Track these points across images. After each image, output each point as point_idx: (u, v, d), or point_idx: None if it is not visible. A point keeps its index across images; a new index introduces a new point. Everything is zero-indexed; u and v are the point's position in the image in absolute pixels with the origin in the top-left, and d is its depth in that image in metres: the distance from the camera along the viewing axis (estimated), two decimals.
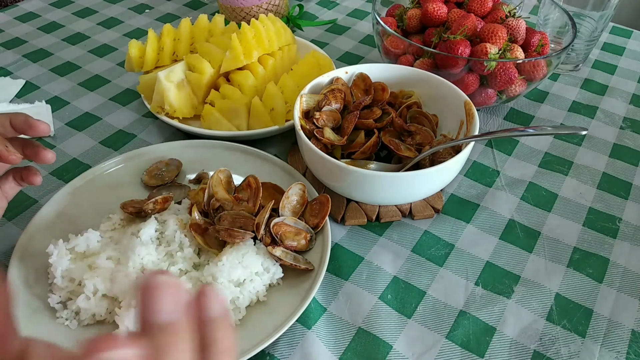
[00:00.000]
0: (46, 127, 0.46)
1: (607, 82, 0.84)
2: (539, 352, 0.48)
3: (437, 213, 0.61)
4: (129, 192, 0.60)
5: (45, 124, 0.46)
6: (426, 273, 0.55)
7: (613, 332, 0.50)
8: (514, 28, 0.69)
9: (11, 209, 0.60)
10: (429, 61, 0.69)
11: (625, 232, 0.60)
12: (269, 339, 0.45)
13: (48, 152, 0.47)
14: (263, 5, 0.90)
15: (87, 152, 0.69)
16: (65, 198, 0.58)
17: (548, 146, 0.71)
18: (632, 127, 0.75)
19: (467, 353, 0.48)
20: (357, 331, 0.50)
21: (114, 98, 0.78)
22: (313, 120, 0.59)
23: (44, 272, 0.51)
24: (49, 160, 0.47)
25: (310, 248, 0.54)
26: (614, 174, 0.67)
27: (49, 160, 0.47)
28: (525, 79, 0.69)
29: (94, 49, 0.90)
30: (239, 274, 0.48)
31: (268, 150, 0.67)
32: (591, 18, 0.79)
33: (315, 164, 0.57)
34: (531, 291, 0.53)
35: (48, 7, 1.02)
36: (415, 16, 0.74)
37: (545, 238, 0.59)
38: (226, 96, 0.68)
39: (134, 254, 0.49)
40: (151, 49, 0.73)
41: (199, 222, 0.53)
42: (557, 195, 0.64)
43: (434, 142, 0.60)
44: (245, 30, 0.70)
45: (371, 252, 0.57)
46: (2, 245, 0.56)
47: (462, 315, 0.51)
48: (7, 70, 0.84)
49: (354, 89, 0.65)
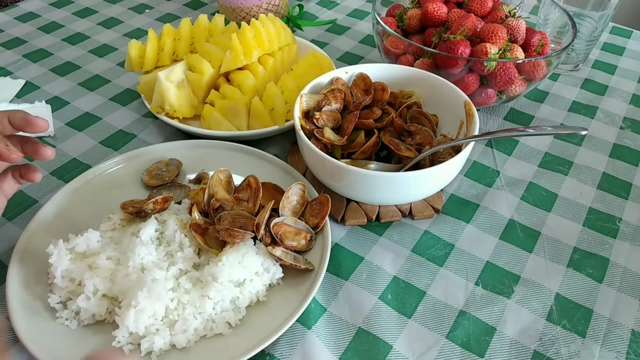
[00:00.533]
0: (45, 124, 0.46)
1: (607, 82, 0.84)
2: (539, 352, 0.48)
3: (437, 213, 0.61)
4: (129, 192, 0.60)
5: (44, 120, 0.46)
6: (426, 273, 0.55)
7: (613, 332, 0.50)
8: (514, 28, 0.69)
9: (11, 209, 0.60)
10: (429, 61, 0.69)
11: (625, 232, 0.60)
12: (269, 339, 0.45)
13: (48, 149, 0.47)
14: (263, 5, 0.90)
15: (87, 152, 0.69)
16: (65, 198, 0.58)
17: (548, 146, 0.71)
18: (632, 127, 0.75)
19: (467, 353, 0.48)
20: (357, 331, 0.50)
21: (114, 98, 0.78)
22: (313, 120, 0.59)
23: (44, 272, 0.51)
24: (49, 157, 0.47)
25: (310, 248, 0.54)
26: (614, 174, 0.67)
27: (49, 156, 0.47)
28: (525, 79, 0.69)
29: (94, 49, 0.90)
30: (239, 274, 0.49)
31: (268, 150, 0.67)
32: (591, 18, 0.79)
33: (315, 164, 0.57)
34: (531, 291, 0.53)
35: (48, 7, 1.02)
36: (415, 16, 0.74)
37: (545, 238, 0.59)
38: (226, 96, 0.68)
39: (134, 254, 0.49)
40: (151, 49, 0.73)
41: (199, 222, 0.53)
42: (557, 195, 0.64)
43: (434, 142, 0.60)
44: (245, 30, 0.70)
45: (371, 252, 0.57)
46: (2, 245, 0.56)
47: (462, 315, 0.51)
48: (7, 70, 0.84)
49: (354, 89, 0.65)
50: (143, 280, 0.46)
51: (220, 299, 0.48)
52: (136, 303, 0.45)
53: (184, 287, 0.48)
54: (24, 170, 0.49)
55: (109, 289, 0.48)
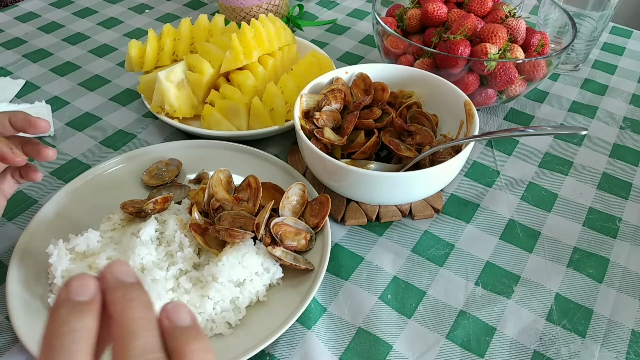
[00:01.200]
0: (46, 125, 0.46)
1: (607, 82, 0.84)
2: (539, 352, 0.48)
3: (437, 213, 0.61)
4: (129, 192, 0.60)
5: (45, 121, 0.46)
6: (426, 273, 0.55)
7: (613, 332, 0.50)
8: (514, 28, 0.69)
9: (11, 209, 0.60)
10: (429, 61, 0.69)
11: (625, 232, 0.60)
12: (269, 339, 0.45)
13: (49, 149, 0.47)
14: (263, 5, 0.90)
15: (87, 152, 0.69)
16: (65, 198, 0.58)
17: (548, 146, 0.71)
18: (632, 127, 0.75)
19: (467, 353, 0.48)
20: (357, 331, 0.50)
21: (114, 98, 0.78)
22: (313, 120, 0.59)
23: (44, 272, 0.51)
24: (50, 157, 0.47)
25: (310, 248, 0.54)
26: (614, 174, 0.67)
27: (51, 157, 0.47)
28: (525, 79, 0.69)
29: (94, 49, 0.90)
30: (239, 274, 0.48)
31: (268, 150, 0.67)
32: (591, 18, 0.79)
33: (315, 164, 0.57)
34: (531, 291, 0.53)
35: (48, 7, 1.02)
36: (415, 16, 0.74)
37: (545, 238, 0.59)
38: (226, 96, 0.68)
39: (134, 254, 0.49)
40: (151, 49, 0.73)
41: (199, 222, 0.53)
42: (557, 195, 0.64)
43: (434, 142, 0.60)
44: (245, 30, 0.70)
45: (371, 252, 0.57)
46: (2, 245, 0.56)
47: (462, 315, 0.51)
48: (7, 70, 0.84)
49: (354, 89, 0.65)
50: (143, 280, 0.46)
51: (220, 299, 0.48)
52: None
53: (184, 287, 0.48)
54: (24, 171, 0.49)
55: None
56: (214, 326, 0.47)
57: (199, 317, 0.47)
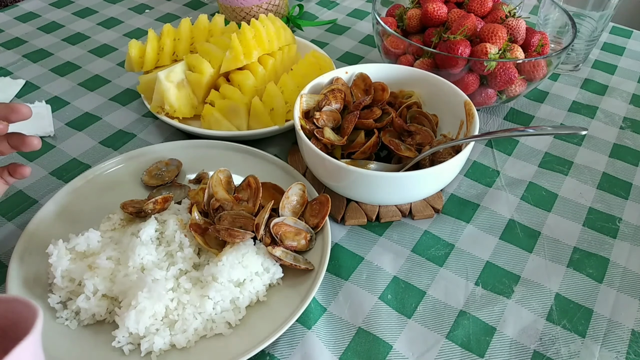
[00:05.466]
0: (27, 110, 0.45)
1: (607, 82, 0.84)
2: (539, 352, 0.48)
3: (437, 213, 0.61)
4: (129, 192, 0.60)
5: (26, 106, 0.45)
6: (426, 273, 0.55)
7: (613, 332, 0.50)
8: (514, 28, 0.69)
9: (11, 209, 0.60)
10: (429, 61, 0.69)
11: (625, 232, 0.60)
12: (269, 339, 0.45)
13: (34, 138, 0.47)
14: (263, 5, 0.90)
15: (87, 152, 0.69)
16: (65, 198, 0.58)
17: (548, 146, 0.71)
18: (632, 127, 0.75)
19: (467, 353, 0.48)
20: (357, 331, 0.50)
21: (114, 98, 0.78)
22: (313, 120, 0.59)
23: (44, 272, 0.51)
24: (35, 146, 0.47)
25: (310, 248, 0.54)
26: (614, 174, 0.67)
27: (36, 145, 0.47)
28: (525, 79, 0.69)
29: (94, 49, 0.90)
30: (239, 274, 0.48)
31: (268, 150, 0.67)
32: (591, 18, 0.79)
33: (315, 164, 0.57)
34: (531, 291, 0.53)
35: (48, 7, 1.02)
36: (415, 16, 0.74)
37: (545, 238, 0.59)
38: (226, 96, 0.68)
39: (134, 254, 0.49)
40: (151, 49, 0.73)
41: (199, 222, 0.53)
42: (557, 195, 0.64)
43: (434, 142, 0.60)
44: (245, 30, 0.70)
45: (371, 252, 0.57)
46: (2, 245, 0.56)
47: (462, 315, 0.51)
48: (7, 70, 0.84)
49: (354, 89, 0.65)
50: (143, 280, 0.46)
51: (220, 299, 0.48)
52: (136, 303, 0.45)
53: (184, 287, 0.48)
54: (11, 168, 0.49)
55: (109, 289, 0.48)
56: (214, 326, 0.47)
57: (199, 317, 0.47)
